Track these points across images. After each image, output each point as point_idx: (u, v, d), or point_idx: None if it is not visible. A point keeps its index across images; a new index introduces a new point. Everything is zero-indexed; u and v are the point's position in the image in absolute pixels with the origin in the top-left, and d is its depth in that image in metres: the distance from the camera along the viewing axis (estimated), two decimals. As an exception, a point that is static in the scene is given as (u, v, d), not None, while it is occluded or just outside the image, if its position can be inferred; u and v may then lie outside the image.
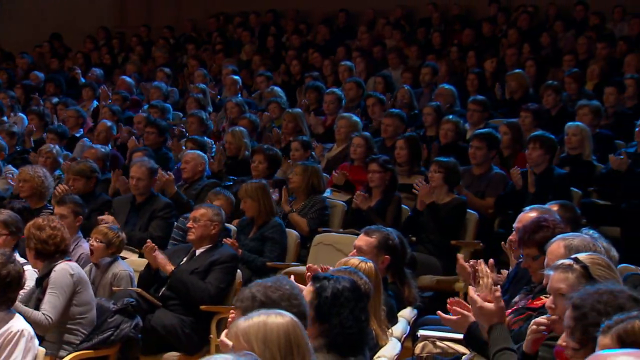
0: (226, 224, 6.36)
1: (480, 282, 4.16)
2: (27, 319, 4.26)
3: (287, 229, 6.41)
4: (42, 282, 4.81)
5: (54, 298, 4.72)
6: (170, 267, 5.40)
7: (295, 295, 2.99)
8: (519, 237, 4.24)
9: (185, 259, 5.60)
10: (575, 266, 3.26)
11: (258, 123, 8.97)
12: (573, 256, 3.35)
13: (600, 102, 8.10)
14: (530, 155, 6.74)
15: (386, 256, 4.53)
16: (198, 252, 5.58)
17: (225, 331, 3.06)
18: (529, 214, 4.53)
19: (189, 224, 5.59)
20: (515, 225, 4.58)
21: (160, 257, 5.42)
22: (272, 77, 10.94)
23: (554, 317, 3.22)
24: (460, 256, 4.57)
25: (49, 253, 4.83)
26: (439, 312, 3.78)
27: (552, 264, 3.53)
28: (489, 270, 3.85)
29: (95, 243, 5.37)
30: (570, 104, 8.48)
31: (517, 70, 9.35)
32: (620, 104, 8.38)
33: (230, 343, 2.67)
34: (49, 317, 4.67)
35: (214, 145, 8.60)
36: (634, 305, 2.64)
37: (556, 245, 3.71)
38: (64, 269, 4.78)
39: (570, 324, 2.80)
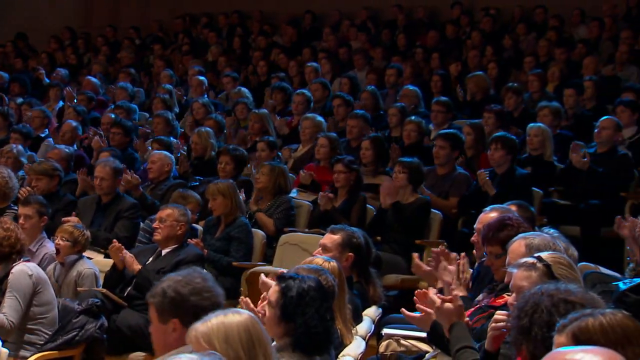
0: (193, 224, 6.35)
1: (461, 276, 4.23)
2: None
3: (253, 229, 6.38)
4: (1, 284, 4.74)
5: (13, 301, 4.67)
6: (137, 267, 5.36)
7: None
8: (482, 235, 4.26)
9: (151, 259, 5.56)
10: (538, 265, 3.30)
11: (224, 124, 8.94)
12: (536, 255, 3.39)
13: (561, 103, 8.19)
14: (492, 156, 6.79)
15: (350, 254, 4.53)
16: (164, 252, 5.54)
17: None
18: (489, 214, 4.56)
19: (155, 224, 5.55)
20: (476, 225, 4.60)
21: (129, 255, 5.37)
22: (238, 78, 10.91)
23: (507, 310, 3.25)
24: (415, 255, 4.57)
25: (5, 255, 4.77)
26: (403, 309, 3.79)
27: (513, 262, 3.56)
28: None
29: (61, 242, 5.33)
30: (531, 105, 8.57)
31: (477, 73, 9.41)
32: (579, 106, 8.48)
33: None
34: (11, 320, 4.63)
35: (181, 146, 8.55)
36: (573, 308, 2.66)
37: (517, 244, 3.74)
38: (22, 270, 4.72)
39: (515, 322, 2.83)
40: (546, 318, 2.68)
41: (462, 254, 4.23)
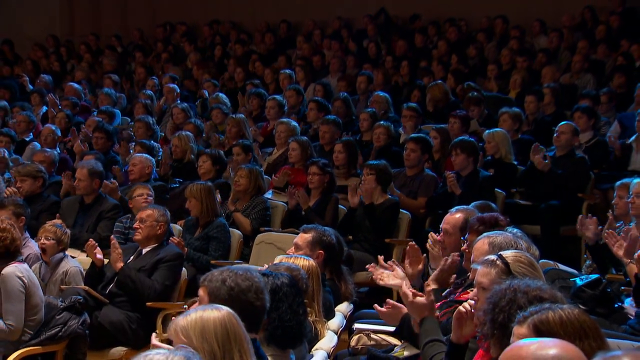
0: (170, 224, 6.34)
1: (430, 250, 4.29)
2: None
3: (230, 229, 6.37)
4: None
5: (11, 306, 4.63)
6: (120, 264, 5.32)
7: (262, 290, 2.97)
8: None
9: (132, 258, 5.52)
10: (498, 262, 3.33)
11: (203, 128, 8.92)
12: (499, 253, 3.42)
13: (523, 109, 8.26)
14: (454, 160, 6.84)
15: (320, 251, 4.54)
16: (144, 250, 5.50)
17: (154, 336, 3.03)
18: (454, 215, 4.59)
19: (136, 225, 5.51)
20: (442, 226, 4.62)
21: (117, 252, 5.32)
22: (217, 85, 10.89)
23: (473, 301, 3.27)
24: (380, 258, 4.54)
25: (1, 254, 4.70)
26: (375, 305, 3.81)
27: (477, 259, 3.59)
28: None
29: (46, 241, 5.29)
30: (494, 110, 8.62)
31: (437, 82, 9.46)
32: (540, 112, 8.55)
33: (161, 345, 2.65)
34: (11, 325, 4.62)
35: (160, 149, 8.52)
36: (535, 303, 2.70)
37: (481, 242, 3.78)
38: (12, 273, 4.65)
39: (481, 317, 2.87)
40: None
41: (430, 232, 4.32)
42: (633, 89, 8.35)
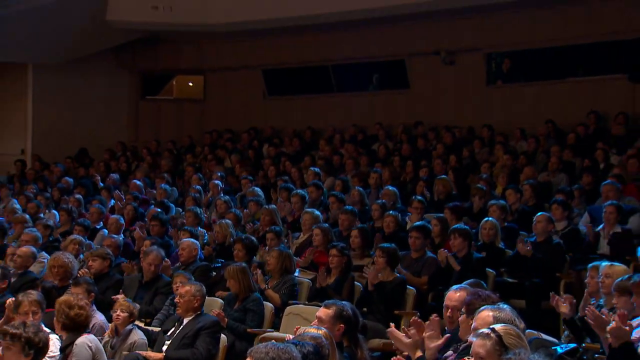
0: (215, 297, 6.36)
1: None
2: None
3: (264, 302, 6.37)
4: (65, 350, 4.69)
5: None
6: (158, 355, 5.29)
7: None
8: (467, 299, 4.21)
9: (174, 328, 5.55)
10: (492, 335, 3.33)
11: (241, 216, 9.00)
12: (491, 327, 3.41)
13: (507, 202, 8.29)
14: (453, 243, 6.85)
15: (341, 325, 4.51)
16: (185, 320, 5.53)
17: None
18: (455, 293, 4.55)
19: (177, 299, 5.59)
20: (445, 303, 4.56)
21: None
22: (253, 180, 11.04)
23: None
24: (392, 325, 4.49)
25: (74, 328, 4.74)
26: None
27: (479, 327, 3.56)
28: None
29: (121, 314, 5.33)
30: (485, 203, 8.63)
31: (442, 176, 9.55)
32: (522, 204, 8.55)
33: None
34: None
35: (206, 234, 8.60)
36: None
37: (486, 314, 3.72)
38: (84, 343, 4.66)
39: None
40: None
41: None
42: (599, 186, 8.37)
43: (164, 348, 5.37)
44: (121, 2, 13.34)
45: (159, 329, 5.72)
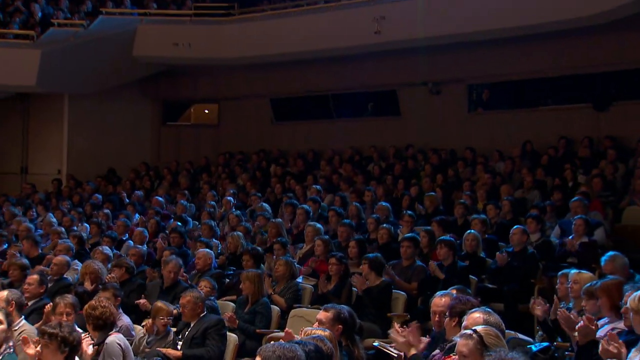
0: (226, 300, 6.33)
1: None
2: None
3: (271, 305, 6.37)
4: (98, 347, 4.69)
5: None
6: (177, 353, 5.27)
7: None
8: (452, 304, 4.23)
9: (183, 330, 5.55)
10: (474, 335, 3.35)
11: (251, 229, 9.02)
12: (473, 328, 3.43)
13: (487, 216, 8.30)
14: (439, 253, 6.85)
15: (339, 326, 4.52)
16: (192, 323, 5.52)
17: None
18: (441, 298, 4.56)
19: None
20: (432, 309, 4.55)
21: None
22: (262, 196, 11.05)
23: None
24: (396, 326, 4.49)
25: (102, 325, 4.74)
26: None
27: (470, 327, 3.57)
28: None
29: (168, 321, 5.35)
30: (468, 216, 8.64)
31: (431, 193, 9.57)
32: (500, 218, 8.57)
33: None
34: None
35: (220, 245, 8.61)
36: None
37: (477, 316, 3.74)
38: (113, 341, 4.65)
39: None
40: None
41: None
42: (568, 202, 8.39)
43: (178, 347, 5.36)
44: (146, 40, 13.53)
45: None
